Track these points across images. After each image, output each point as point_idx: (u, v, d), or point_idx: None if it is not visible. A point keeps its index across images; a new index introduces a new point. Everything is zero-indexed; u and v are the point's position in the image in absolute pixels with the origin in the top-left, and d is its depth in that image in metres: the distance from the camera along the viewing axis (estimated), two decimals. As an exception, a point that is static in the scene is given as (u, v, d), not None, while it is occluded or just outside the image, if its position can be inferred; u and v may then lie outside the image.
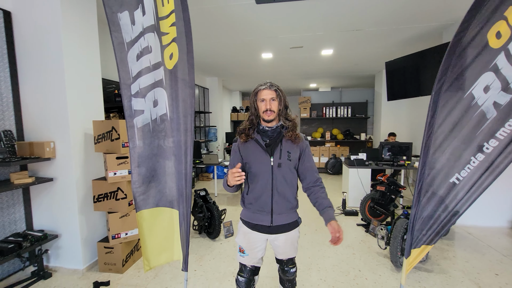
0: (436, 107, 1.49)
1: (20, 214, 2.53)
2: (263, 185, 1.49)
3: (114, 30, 1.62)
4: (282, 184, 1.49)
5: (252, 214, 1.57)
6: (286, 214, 1.55)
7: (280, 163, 1.47)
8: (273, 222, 1.53)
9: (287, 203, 1.53)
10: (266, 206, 1.51)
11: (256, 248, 1.61)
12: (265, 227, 1.55)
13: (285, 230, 1.57)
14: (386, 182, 3.48)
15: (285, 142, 1.49)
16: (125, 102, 1.70)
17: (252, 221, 1.57)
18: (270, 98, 1.47)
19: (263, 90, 1.48)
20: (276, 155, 1.47)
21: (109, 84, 3.70)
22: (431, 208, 1.56)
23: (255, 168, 1.50)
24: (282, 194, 1.50)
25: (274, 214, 1.52)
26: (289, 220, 1.57)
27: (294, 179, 1.54)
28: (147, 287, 2.35)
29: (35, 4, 2.34)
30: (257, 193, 1.51)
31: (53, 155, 2.44)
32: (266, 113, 1.47)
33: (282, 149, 1.48)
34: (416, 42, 4.43)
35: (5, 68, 2.37)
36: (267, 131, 1.51)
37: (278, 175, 1.48)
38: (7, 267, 2.44)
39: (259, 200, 1.51)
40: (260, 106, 1.49)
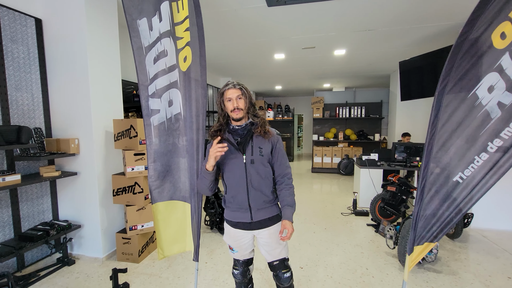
0: (439, 106, 1.51)
1: (48, 205, 2.75)
2: (238, 182, 1.51)
3: (133, 35, 1.76)
4: (256, 179, 1.50)
5: (232, 212, 1.58)
6: (265, 208, 1.55)
7: (253, 159, 1.49)
8: (253, 218, 1.54)
9: (264, 197, 1.53)
10: (243, 203, 1.52)
11: (243, 245, 1.64)
12: (246, 224, 1.56)
13: (267, 225, 1.57)
14: (397, 182, 3.46)
15: (255, 138, 1.51)
16: (143, 102, 1.85)
17: (234, 219, 1.58)
18: (236, 96, 1.47)
19: (228, 89, 1.48)
20: (248, 152, 1.49)
21: (128, 85, 3.90)
22: (434, 206, 1.59)
23: (229, 166, 1.52)
24: (258, 189, 1.51)
25: (252, 210, 1.53)
26: (269, 215, 1.57)
27: (268, 173, 1.54)
28: (161, 276, 2.49)
29: (63, 12, 2.54)
30: (234, 191, 1.53)
31: (77, 151, 2.64)
32: (234, 111, 1.47)
33: (253, 146, 1.50)
34: (432, 41, 4.35)
35: (36, 71, 2.59)
36: (237, 129, 1.52)
37: (252, 171, 1.49)
38: (36, 252, 2.66)
39: (236, 198, 1.53)
40: (227, 105, 1.49)
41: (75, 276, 2.49)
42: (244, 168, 1.49)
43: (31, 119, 2.56)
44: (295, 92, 10.89)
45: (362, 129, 8.14)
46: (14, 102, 2.41)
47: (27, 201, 2.55)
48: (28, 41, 2.51)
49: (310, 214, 4.17)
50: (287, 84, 8.92)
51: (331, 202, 4.85)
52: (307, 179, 6.96)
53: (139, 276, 2.49)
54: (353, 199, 4.36)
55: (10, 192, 2.40)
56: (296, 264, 2.70)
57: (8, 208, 2.40)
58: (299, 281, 2.42)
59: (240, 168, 1.50)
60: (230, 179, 1.54)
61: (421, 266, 2.64)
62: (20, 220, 2.49)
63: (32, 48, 2.55)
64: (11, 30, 2.37)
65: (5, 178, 2.06)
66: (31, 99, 2.55)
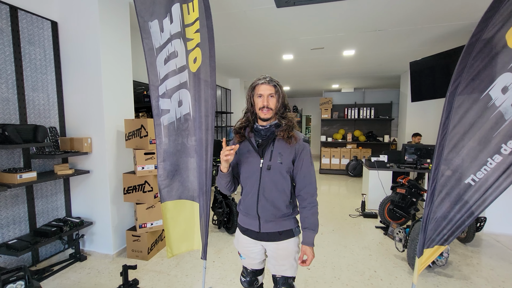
0: (451, 107, 1.49)
1: (61, 202, 2.83)
2: (251, 187, 1.38)
3: (145, 37, 1.81)
4: (269, 189, 1.34)
5: (242, 216, 1.48)
6: (275, 221, 1.38)
7: (270, 165, 1.32)
8: (261, 228, 1.39)
9: (276, 210, 1.36)
10: (251, 209, 1.38)
11: (251, 254, 1.49)
12: (254, 233, 1.43)
13: (275, 239, 1.40)
14: (407, 184, 3.41)
15: (278, 142, 1.34)
16: (153, 102, 1.88)
17: (243, 224, 1.47)
18: (268, 94, 1.33)
19: (261, 84, 1.34)
20: (266, 156, 1.34)
21: (139, 85, 3.98)
22: (445, 208, 1.56)
23: (245, 169, 1.40)
24: (270, 200, 1.34)
25: (261, 220, 1.39)
26: (279, 229, 1.39)
27: (286, 185, 1.36)
28: (169, 273, 2.53)
29: (78, 15, 2.62)
30: (246, 195, 1.41)
31: (90, 150, 2.71)
32: (262, 110, 1.33)
33: (273, 150, 1.34)
34: (444, 41, 4.27)
35: (51, 72, 2.67)
36: (260, 130, 1.39)
37: (266, 179, 1.33)
38: (49, 248, 2.74)
39: (246, 202, 1.41)
40: (256, 102, 1.35)
41: (87, 272, 2.56)
42: (259, 173, 1.35)
43: (47, 119, 2.64)
44: (303, 92, 10.85)
45: (371, 130, 8.04)
46: (31, 102, 2.49)
47: (42, 198, 2.64)
48: (45, 43, 2.60)
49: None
50: (295, 84, 8.89)
51: (339, 203, 4.81)
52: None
53: (148, 273, 2.53)
54: (362, 200, 4.32)
55: (26, 189, 2.49)
56: (303, 265, 2.69)
57: (24, 204, 2.48)
58: (306, 282, 2.41)
59: (255, 173, 1.36)
60: (244, 182, 1.42)
61: (431, 270, 2.60)
62: (35, 216, 2.57)
63: (48, 50, 2.63)
64: (29, 33, 2.46)
65: (22, 175, 2.14)
66: (47, 99, 2.64)
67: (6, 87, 2.30)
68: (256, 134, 1.41)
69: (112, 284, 2.36)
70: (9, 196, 2.36)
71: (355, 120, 8.12)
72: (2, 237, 2.31)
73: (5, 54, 2.29)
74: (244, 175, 1.41)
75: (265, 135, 1.38)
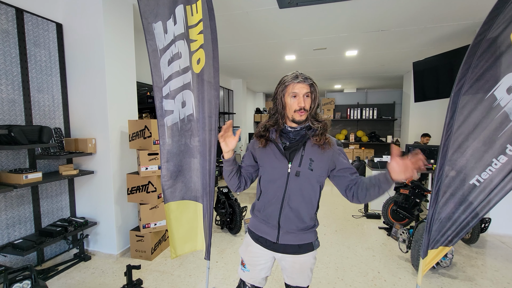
0: (455, 108, 1.49)
1: (66, 202, 2.85)
2: (274, 193, 1.24)
3: (149, 38, 1.82)
4: (296, 198, 1.22)
5: (258, 223, 1.33)
6: (296, 234, 1.26)
7: (299, 172, 1.20)
8: (279, 239, 1.26)
9: (300, 222, 1.24)
10: (272, 218, 1.26)
11: (259, 266, 1.35)
12: (270, 242, 1.29)
13: (294, 252, 1.27)
14: (410, 185, 3.40)
15: (309, 147, 1.22)
16: (157, 103, 1.90)
17: (257, 232, 1.33)
18: (304, 93, 1.19)
19: (296, 83, 1.18)
20: (295, 162, 1.21)
21: (142, 86, 4.00)
22: (449, 209, 1.55)
23: (269, 172, 1.26)
24: (295, 209, 1.23)
25: (281, 231, 1.25)
26: (300, 242, 1.26)
27: (314, 194, 1.24)
28: (173, 274, 2.54)
29: (82, 17, 2.64)
30: (266, 202, 1.27)
31: (94, 151, 2.73)
32: (298, 112, 1.19)
33: (303, 155, 1.21)
34: (447, 41, 4.25)
35: (56, 73, 2.70)
36: (289, 132, 1.26)
37: (294, 186, 1.22)
38: (54, 248, 2.76)
39: (267, 210, 1.27)
40: (290, 102, 1.20)
41: (91, 272, 2.57)
42: (285, 179, 1.22)
43: (52, 120, 2.67)
44: (306, 93, 10.83)
45: (374, 130, 8.02)
46: (36, 103, 2.52)
47: (47, 198, 2.66)
48: (50, 45, 2.62)
49: (320, 216, 4.14)
50: (298, 85, 8.89)
51: (342, 204, 4.80)
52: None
53: (151, 273, 2.54)
54: (365, 201, 4.30)
55: (32, 189, 2.51)
56: (307, 265, 2.69)
57: (30, 205, 2.50)
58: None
59: (280, 178, 1.22)
60: (266, 187, 1.28)
61: (435, 271, 2.58)
62: (41, 216, 2.60)
63: (53, 52, 2.66)
64: (34, 35, 2.49)
65: (28, 175, 2.16)
66: (52, 100, 2.66)
67: (12, 88, 2.33)
68: (283, 136, 1.27)
69: (116, 284, 2.37)
70: (15, 196, 2.38)
71: (358, 121, 8.11)
72: (8, 236, 2.33)
73: (11, 56, 2.32)
74: (267, 178, 1.27)
75: (294, 138, 1.25)
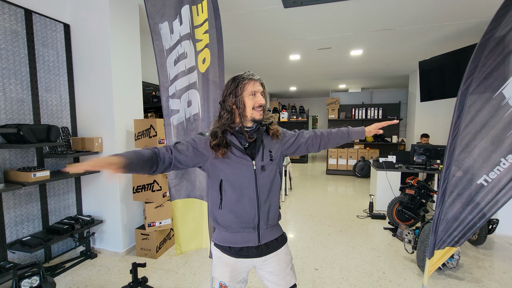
0: (462, 107, 1.47)
1: (73, 200, 2.89)
2: (245, 195, 1.20)
3: (156, 39, 1.84)
4: (267, 190, 1.23)
5: (233, 235, 1.23)
6: (272, 227, 1.28)
7: (264, 166, 1.21)
8: (261, 239, 1.23)
9: (274, 211, 1.27)
10: (250, 220, 1.21)
11: (240, 281, 1.31)
12: (252, 250, 1.24)
13: (274, 248, 1.28)
14: (416, 185, 3.37)
15: (266, 140, 1.25)
16: (163, 102, 1.91)
17: (235, 245, 1.23)
18: (261, 91, 1.22)
19: (254, 81, 1.20)
20: (258, 157, 1.21)
21: (148, 86, 4.03)
22: (456, 209, 1.54)
23: (233, 175, 1.20)
24: (268, 201, 1.24)
25: (261, 230, 1.23)
26: (276, 235, 1.30)
27: (278, 181, 1.28)
28: (178, 272, 2.56)
29: (89, 18, 2.68)
30: (237, 206, 1.20)
31: (100, 149, 2.76)
32: (257, 110, 1.20)
33: (264, 149, 1.23)
34: (454, 40, 4.20)
35: (64, 73, 2.74)
36: (248, 131, 1.23)
37: (262, 180, 1.21)
38: (61, 245, 2.80)
39: (242, 215, 1.21)
40: (247, 101, 1.19)
41: (97, 269, 2.60)
42: (253, 176, 1.20)
43: (59, 119, 2.70)
44: (310, 93, 10.81)
45: (379, 130, 7.95)
46: (44, 103, 2.56)
47: (54, 196, 2.70)
48: (57, 45, 2.66)
49: (324, 216, 4.13)
50: (302, 85, 8.87)
51: (347, 204, 4.78)
52: (321, 181, 6.88)
53: (156, 271, 2.56)
54: (370, 201, 4.28)
55: (40, 187, 2.55)
56: (311, 265, 2.69)
57: (38, 202, 2.54)
58: (314, 282, 2.41)
59: (247, 177, 1.20)
60: (232, 191, 1.20)
61: (441, 272, 2.56)
62: (48, 214, 2.63)
63: (61, 52, 2.70)
64: (43, 35, 2.52)
65: (36, 174, 2.20)
66: (59, 100, 2.70)
67: (21, 88, 2.37)
68: (238, 137, 1.22)
69: (122, 281, 2.39)
70: (23, 194, 2.42)
71: (363, 121, 8.05)
72: (17, 234, 2.37)
73: (20, 56, 2.36)
74: (231, 183, 1.20)
75: (252, 137, 1.24)
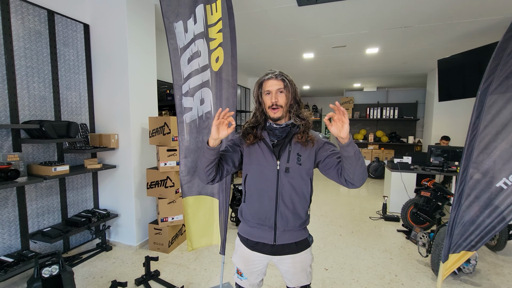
0: (482, 107, 1.42)
1: (90, 194, 3.00)
2: (265, 193, 1.22)
3: (170, 37, 1.87)
4: (289, 194, 1.21)
5: (250, 229, 1.29)
6: (293, 231, 1.25)
7: (288, 168, 1.20)
8: (277, 240, 1.24)
9: (296, 217, 1.23)
10: (268, 219, 1.23)
11: (256, 271, 1.34)
12: (267, 246, 1.26)
13: (292, 252, 1.27)
14: (432, 187, 3.27)
15: (295, 143, 1.23)
16: (177, 100, 1.95)
17: (252, 238, 1.29)
18: (276, 89, 1.20)
19: (268, 80, 1.21)
20: (283, 158, 1.21)
21: (162, 84, 4.11)
22: (473, 212, 1.49)
23: (257, 171, 1.23)
24: (290, 205, 1.22)
25: (277, 231, 1.23)
26: (296, 239, 1.27)
27: (305, 188, 1.23)
28: (189, 267, 2.61)
29: (108, 18, 2.76)
30: (257, 203, 1.24)
31: (116, 146, 2.85)
32: (272, 109, 1.20)
33: (291, 151, 1.21)
34: (475, 37, 4.03)
35: (83, 72, 2.84)
36: (274, 129, 1.25)
37: (285, 182, 1.21)
38: (79, 237, 2.92)
39: (259, 212, 1.24)
40: (265, 100, 1.23)
41: (112, 261, 2.70)
42: (276, 176, 1.21)
43: (78, 116, 2.81)
44: (323, 92, 10.68)
45: (394, 131, 7.76)
46: (64, 100, 2.67)
47: (73, 190, 2.82)
48: (77, 44, 2.77)
49: (336, 217, 4.09)
50: (315, 84, 8.78)
51: (359, 205, 4.70)
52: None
53: (168, 266, 2.63)
54: (383, 203, 4.19)
55: (59, 181, 2.67)
56: (321, 265, 2.67)
57: (58, 196, 2.66)
58: (324, 282, 2.39)
59: (270, 176, 1.21)
60: (254, 186, 1.25)
61: (457, 277, 2.48)
62: (67, 206, 2.75)
63: (81, 51, 2.80)
64: (64, 35, 2.63)
65: (56, 168, 2.30)
66: (79, 98, 2.81)
67: (43, 86, 2.48)
68: (270, 134, 1.26)
69: (135, 274, 2.47)
70: (45, 187, 2.54)
71: (378, 120, 7.89)
72: (38, 225, 2.50)
73: (43, 55, 2.47)
74: (254, 177, 1.25)
75: (281, 135, 1.25)
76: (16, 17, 2.25)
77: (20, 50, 2.30)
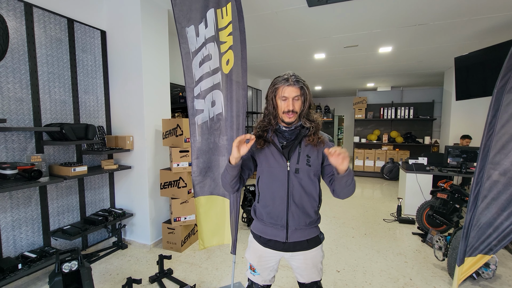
0: (498, 105, 1.38)
1: (106, 194, 3.11)
2: (277, 193, 1.28)
3: (182, 42, 1.93)
4: (299, 193, 1.27)
5: (264, 227, 1.34)
6: (304, 229, 1.31)
7: (298, 169, 1.25)
8: (289, 238, 1.30)
9: (306, 217, 1.29)
10: (280, 218, 1.29)
11: (269, 267, 1.39)
12: (279, 244, 1.32)
13: (303, 248, 1.32)
14: (449, 189, 3.17)
15: (304, 145, 1.28)
16: (189, 102, 2.00)
17: (264, 236, 1.34)
18: (294, 96, 1.22)
19: (286, 86, 1.22)
20: (293, 159, 1.26)
21: (175, 87, 4.21)
22: (490, 214, 1.44)
23: (268, 172, 1.29)
24: (300, 205, 1.28)
25: (289, 229, 1.29)
26: (308, 236, 1.32)
27: (314, 189, 1.29)
28: (201, 266, 2.65)
29: (123, 24, 2.87)
30: (270, 203, 1.30)
31: (131, 147, 2.94)
32: (287, 114, 1.24)
33: (300, 152, 1.26)
34: (495, 34, 3.88)
35: (100, 76, 2.96)
36: (284, 131, 1.30)
37: (295, 183, 1.26)
38: (96, 235, 3.03)
39: (272, 211, 1.30)
40: (280, 104, 1.25)
41: (128, 259, 2.78)
42: (286, 177, 1.26)
43: (96, 118, 2.93)
44: (335, 92, 10.55)
45: (409, 131, 7.55)
46: (83, 104, 2.79)
47: (91, 190, 2.93)
48: (95, 50, 2.89)
49: (349, 218, 4.03)
50: (327, 84, 8.69)
51: (373, 207, 4.61)
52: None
53: (181, 264, 2.68)
54: (398, 205, 4.09)
55: (78, 181, 2.79)
56: (333, 267, 2.65)
57: (76, 195, 2.78)
58: (336, 284, 2.37)
59: (281, 177, 1.27)
60: (266, 187, 1.31)
61: (476, 282, 2.39)
62: (85, 205, 2.87)
63: (98, 57, 2.92)
64: (82, 42, 2.75)
65: (76, 168, 2.40)
66: (96, 101, 2.93)
67: (64, 90, 2.60)
68: (279, 136, 1.31)
69: (149, 271, 2.54)
70: (64, 187, 2.66)
71: (392, 120, 7.70)
72: (59, 223, 2.61)
73: (63, 61, 2.59)
74: (266, 179, 1.31)
75: (290, 137, 1.30)
76: (39, 26, 2.38)
77: (43, 57, 2.42)
